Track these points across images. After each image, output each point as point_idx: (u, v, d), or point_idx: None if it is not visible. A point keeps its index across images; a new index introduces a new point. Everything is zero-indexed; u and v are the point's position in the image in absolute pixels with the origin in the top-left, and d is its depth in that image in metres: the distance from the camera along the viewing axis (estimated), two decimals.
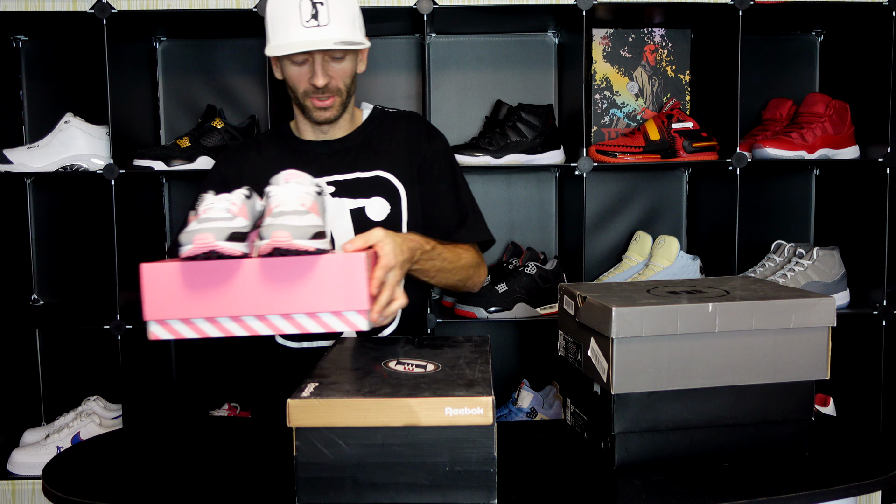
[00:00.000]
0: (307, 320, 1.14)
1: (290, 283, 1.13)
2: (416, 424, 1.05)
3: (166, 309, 1.14)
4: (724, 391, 1.23)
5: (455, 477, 1.05)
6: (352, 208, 1.60)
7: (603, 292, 1.31)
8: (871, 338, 2.19)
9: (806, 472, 1.20)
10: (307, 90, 1.59)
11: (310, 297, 1.13)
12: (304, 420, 1.05)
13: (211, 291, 1.13)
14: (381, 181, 1.63)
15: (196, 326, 1.15)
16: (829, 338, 1.25)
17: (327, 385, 1.11)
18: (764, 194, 2.44)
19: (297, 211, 1.16)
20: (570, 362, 1.37)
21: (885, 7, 2.09)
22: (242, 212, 1.17)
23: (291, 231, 1.11)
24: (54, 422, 2.23)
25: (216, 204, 1.17)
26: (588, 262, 2.32)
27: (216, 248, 1.10)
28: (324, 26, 1.49)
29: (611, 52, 2.40)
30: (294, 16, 1.49)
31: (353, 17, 1.55)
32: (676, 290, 1.32)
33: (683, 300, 1.23)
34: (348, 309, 1.14)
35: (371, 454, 1.05)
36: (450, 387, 1.09)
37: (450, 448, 1.05)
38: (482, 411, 1.04)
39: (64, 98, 2.32)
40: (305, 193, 1.22)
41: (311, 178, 1.29)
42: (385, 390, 1.09)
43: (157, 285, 1.13)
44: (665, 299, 1.24)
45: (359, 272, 1.14)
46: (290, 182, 1.24)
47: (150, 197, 2.34)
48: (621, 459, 1.22)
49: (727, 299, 1.23)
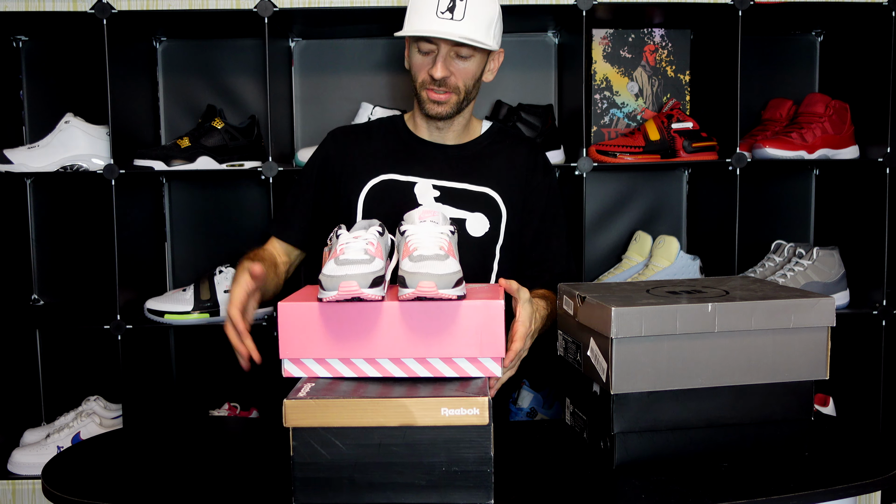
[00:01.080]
0: (442, 365, 1.15)
1: (429, 328, 1.13)
2: (412, 425, 1.05)
3: (302, 348, 1.14)
4: (723, 391, 1.23)
5: (452, 477, 1.06)
6: (452, 217, 1.58)
7: (602, 292, 1.31)
8: (870, 338, 2.19)
9: (805, 472, 1.20)
10: (425, 80, 1.57)
11: (448, 342, 1.14)
12: (300, 420, 1.05)
13: (348, 333, 1.14)
14: (487, 198, 1.62)
15: (331, 366, 1.15)
16: (829, 338, 1.25)
17: (324, 385, 1.12)
18: (764, 194, 2.44)
19: (437, 256, 1.15)
20: (570, 362, 1.38)
21: (885, 7, 2.09)
22: (378, 252, 1.17)
23: (437, 280, 1.10)
24: (54, 422, 2.23)
25: (352, 244, 1.16)
26: (588, 262, 2.32)
27: (360, 295, 1.10)
28: (457, 21, 1.49)
29: (611, 52, 2.40)
30: (432, 5, 1.50)
31: (490, 21, 1.54)
32: (676, 290, 1.32)
33: (683, 300, 1.23)
34: (484, 355, 1.15)
35: (368, 454, 1.06)
36: (446, 387, 1.09)
37: (446, 448, 1.06)
38: (478, 411, 1.05)
39: (64, 98, 2.32)
40: (441, 234, 1.22)
41: (446, 216, 1.28)
42: (381, 390, 1.09)
43: (295, 324, 1.14)
44: (665, 299, 1.24)
45: (498, 320, 1.14)
46: (425, 221, 1.24)
47: (150, 197, 2.34)
48: (621, 459, 1.22)
49: (727, 299, 1.23)
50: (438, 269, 1.12)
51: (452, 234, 1.26)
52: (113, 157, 2.07)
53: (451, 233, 1.25)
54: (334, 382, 1.14)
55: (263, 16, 2.04)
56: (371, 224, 1.25)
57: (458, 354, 1.14)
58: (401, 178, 1.62)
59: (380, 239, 1.20)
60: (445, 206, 1.59)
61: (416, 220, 1.24)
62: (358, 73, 2.40)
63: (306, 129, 2.37)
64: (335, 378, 1.15)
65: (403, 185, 1.61)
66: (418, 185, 1.61)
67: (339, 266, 1.11)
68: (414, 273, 1.11)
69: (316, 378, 1.15)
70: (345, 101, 2.38)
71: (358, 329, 1.14)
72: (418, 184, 1.61)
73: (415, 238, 1.20)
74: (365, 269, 1.11)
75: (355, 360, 1.15)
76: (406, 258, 1.16)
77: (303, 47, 2.38)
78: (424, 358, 1.14)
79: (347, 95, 2.38)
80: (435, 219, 1.25)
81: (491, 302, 1.14)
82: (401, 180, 1.62)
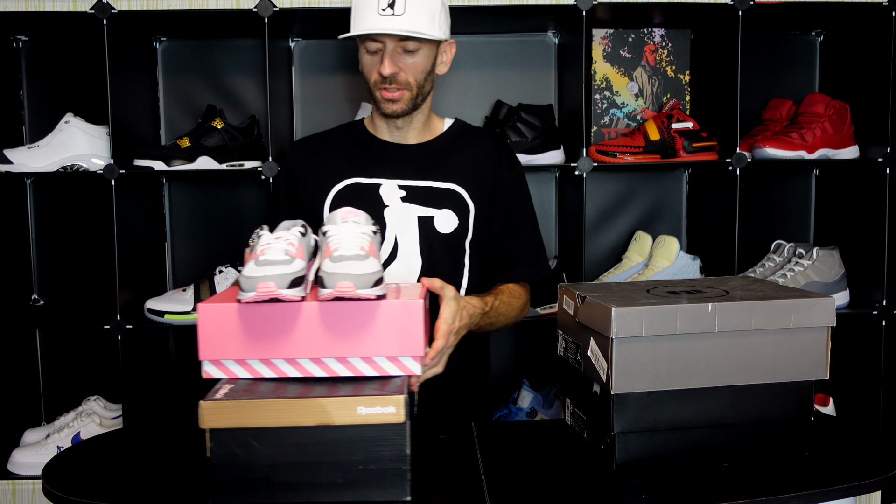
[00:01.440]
0: (362, 364, 1.15)
1: (348, 328, 1.14)
2: (329, 424, 1.06)
3: (222, 349, 1.14)
4: (723, 391, 1.23)
5: (369, 475, 1.07)
6: (420, 216, 1.58)
7: (603, 292, 1.31)
8: (870, 338, 2.19)
9: (805, 472, 1.20)
10: (377, 80, 1.56)
11: (367, 342, 1.14)
12: (216, 421, 1.06)
13: (268, 334, 1.14)
14: (453, 194, 1.61)
15: (251, 367, 1.15)
16: (829, 338, 1.25)
17: (244, 386, 1.12)
18: (764, 194, 2.44)
19: (357, 256, 1.15)
20: (570, 362, 1.38)
21: (885, 7, 2.09)
22: (300, 252, 1.17)
23: (355, 281, 1.11)
24: (54, 422, 2.23)
25: (273, 244, 1.16)
26: (588, 262, 2.32)
27: (278, 296, 1.10)
28: (398, 16, 1.48)
29: (611, 52, 2.40)
30: (372, 4, 1.49)
31: (433, 12, 1.52)
32: (676, 290, 1.32)
33: (683, 300, 1.23)
34: (404, 354, 1.15)
35: (285, 454, 1.06)
36: (364, 386, 1.10)
37: (363, 447, 1.06)
38: (394, 410, 1.06)
39: (64, 98, 2.32)
40: (363, 234, 1.22)
41: (368, 217, 1.28)
42: (302, 390, 1.10)
43: (214, 325, 1.14)
44: (665, 299, 1.24)
45: (417, 319, 1.15)
46: (347, 221, 1.24)
47: (150, 197, 2.34)
48: (621, 459, 1.22)
49: (727, 299, 1.23)
50: (357, 269, 1.12)
51: (375, 234, 1.26)
52: (113, 157, 2.07)
53: (373, 233, 1.25)
54: (255, 383, 1.14)
55: (263, 16, 2.04)
56: (294, 224, 1.25)
57: (378, 353, 1.14)
58: (365, 182, 1.61)
59: (302, 239, 1.20)
60: (413, 205, 1.59)
61: (338, 221, 1.25)
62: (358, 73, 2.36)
63: (306, 129, 2.37)
64: (255, 379, 1.16)
65: (369, 188, 1.60)
66: (383, 186, 1.60)
67: (259, 267, 1.12)
68: (332, 273, 1.11)
69: (236, 379, 1.16)
70: (345, 101, 2.38)
71: (277, 330, 1.14)
72: (383, 185, 1.60)
73: (335, 238, 1.20)
74: (283, 270, 1.12)
75: (275, 361, 1.15)
76: (327, 258, 1.16)
77: (303, 47, 2.38)
78: (345, 358, 1.15)
79: (347, 95, 2.38)
80: (357, 219, 1.25)
81: (409, 301, 1.15)
82: (365, 183, 1.61)
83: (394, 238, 1.58)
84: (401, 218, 1.58)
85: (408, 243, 1.58)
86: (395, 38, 1.51)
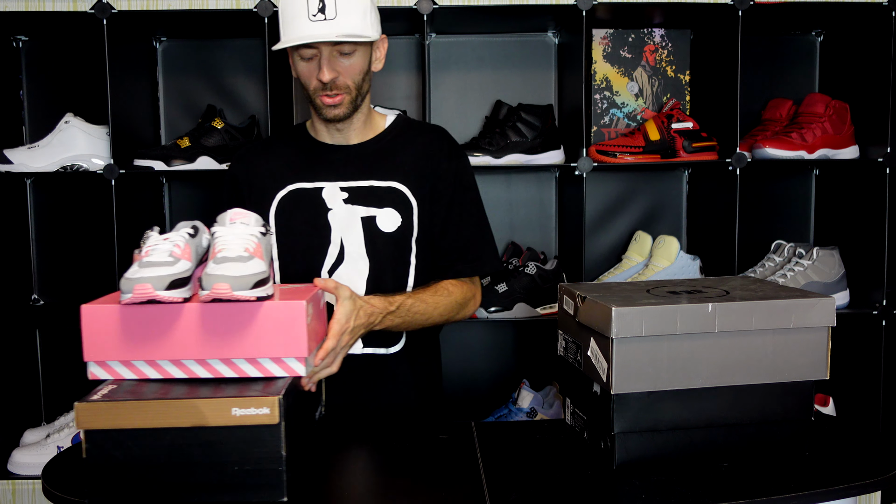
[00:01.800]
0: (247, 365, 1.15)
1: (230, 329, 1.14)
2: (203, 425, 1.06)
3: (106, 350, 1.15)
4: (724, 391, 1.23)
5: (244, 476, 1.07)
6: (363, 216, 1.58)
7: (603, 292, 1.31)
8: (870, 338, 2.19)
9: (806, 472, 1.20)
10: (316, 87, 1.54)
11: (250, 343, 1.14)
12: (90, 422, 1.06)
13: (152, 335, 1.14)
14: (395, 192, 1.59)
15: (136, 368, 1.16)
16: (829, 338, 1.25)
17: (129, 387, 1.13)
18: (764, 194, 2.44)
19: (240, 257, 1.16)
20: (570, 362, 1.38)
21: (885, 7, 2.09)
22: (186, 253, 1.17)
23: (231, 282, 1.11)
24: (54, 422, 2.23)
25: (159, 246, 1.17)
26: (588, 262, 2.32)
27: (155, 297, 1.11)
28: (330, 20, 1.47)
29: (611, 52, 2.40)
30: (302, 10, 1.47)
31: (364, 11, 1.51)
32: (676, 290, 1.32)
33: (683, 300, 1.23)
34: (288, 355, 1.15)
35: (160, 455, 1.07)
36: (249, 387, 1.11)
37: (238, 448, 1.07)
38: (269, 411, 1.06)
39: (64, 98, 2.32)
40: (250, 236, 1.22)
41: (258, 219, 1.28)
42: (184, 391, 1.10)
43: (97, 327, 1.14)
44: (665, 299, 1.24)
45: (299, 320, 1.15)
46: (235, 223, 1.24)
47: (150, 197, 2.34)
48: (621, 459, 1.22)
49: (727, 299, 1.23)
50: (236, 270, 1.12)
51: (264, 235, 1.25)
52: (113, 157, 2.07)
53: (261, 234, 1.25)
54: (140, 384, 1.14)
55: (263, 16, 2.04)
56: (185, 225, 1.24)
57: (262, 355, 1.15)
58: (308, 186, 1.59)
59: (190, 240, 1.20)
60: (356, 206, 1.58)
61: (226, 222, 1.25)
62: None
63: None
64: (141, 380, 1.16)
65: (311, 192, 1.59)
66: (325, 189, 1.58)
67: (141, 269, 1.12)
68: (210, 275, 1.12)
69: (122, 380, 1.16)
70: None
71: (159, 331, 1.14)
72: (325, 188, 1.59)
73: (221, 240, 1.20)
74: (163, 272, 1.12)
75: (160, 362, 1.15)
76: (211, 260, 1.16)
77: None
78: (229, 359, 1.15)
79: None
80: (245, 220, 1.25)
81: (291, 302, 1.15)
82: (308, 188, 1.59)
83: (339, 241, 1.57)
84: (344, 220, 1.57)
85: (353, 245, 1.57)
86: (331, 43, 1.49)
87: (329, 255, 1.57)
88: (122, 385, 1.14)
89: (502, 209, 2.43)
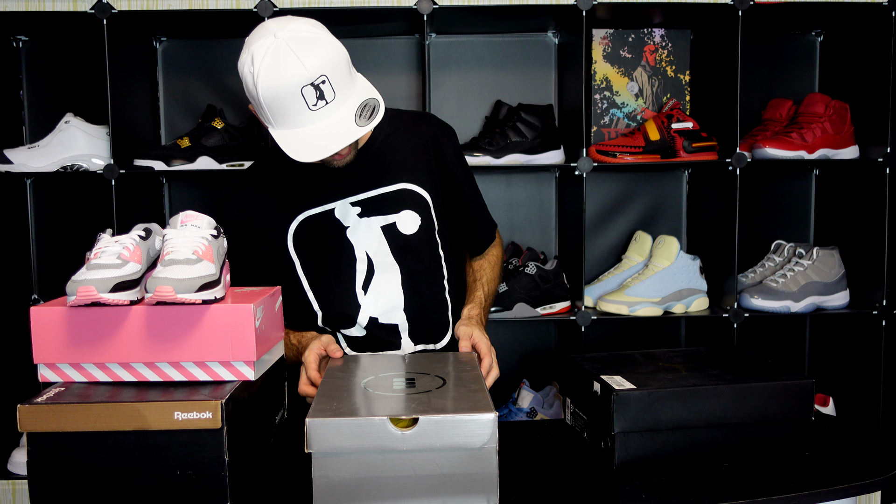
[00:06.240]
0: (196, 369, 1.15)
1: (176, 332, 1.14)
2: (146, 429, 1.06)
3: (55, 353, 1.15)
4: (724, 391, 1.23)
5: (186, 480, 1.07)
6: (383, 225, 1.54)
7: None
8: (870, 338, 2.19)
9: (806, 472, 1.20)
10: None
11: (197, 346, 1.14)
12: (34, 425, 1.07)
13: (97, 338, 1.14)
14: (407, 193, 1.56)
15: (86, 371, 1.16)
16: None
17: (78, 390, 1.13)
18: (764, 194, 2.44)
19: (187, 260, 1.15)
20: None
21: (885, 7, 2.09)
22: (135, 255, 1.17)
23: (175, 285, 1.10)
24: None
25: (109, 248, 1.17)
26: (588, 262, 2.32)
27: (99, 300, 1.10)
28: (332, 103, 1.34)
29: (611, 52, 2.40)
30: (300, 105, 1.33)
31: (346, 63, 1.38)
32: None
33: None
34: (236, 359, 1.15)
35: (103, 459, 1.07)
36: (200, 391, 1.10)
37: (180, 452, 1.07)
38: (210, 415, 1.06)
39: (64, 98, 2.32)
40: (201, 238, 1.21)
41: (210, 221, 1.26)
42: (133, 394, 1.10)
43: (46, 329, 1.15)
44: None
45: (246, 323, 1.14)
46: (186, 225, 1.23)
47: (150, 197, 2.34)
48: (621, 459, 1.22)
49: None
50: (181, 273, 1.12)
51: (215, 238, 1.24)
52: (113, 157, 2.07)
53: (212, 237, 1.24)
54: (89, 388, 1.14)
55: (263, 16, 2.04)
56: (138, 228, 1.24)
57: (210, 358, 1.14)
58: (318, 211, 1.54)
59: (141, 243, 1.19)
60: (372, 217, 1.54)
61: (178, 225, 1.24)
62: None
63: None
64: (91, 383, 1.16)
65: (323, 215, 1.54)
66: (336, 208, 1.54)
67: (88, 271, 1.12)
68: (155, 278, 1.11)
69: (72, 383, 1.16)
70: None
71: (107, 334, 1.14)
72: (336, 208, 1.54)
73: (170, 242, 1.20)
74: (108, 274, 1.12)
75: (110, 365, 1.15)
76: (159, 263, 1.16)
77: None
78: (178, 362, 1.14)
79: None
80: (197, 223, 1.24)
81: (239, 306, 1.15)
82: (319, 212, 1.54)
83: (365, 255, 1.55)
84: (364, 234, 1.54)
85: (380, 255, 1.54)
86: None
87: (359, 273, 1.54)
88: (71, 388, 1.13)
89: (502, 209, 2.43)
